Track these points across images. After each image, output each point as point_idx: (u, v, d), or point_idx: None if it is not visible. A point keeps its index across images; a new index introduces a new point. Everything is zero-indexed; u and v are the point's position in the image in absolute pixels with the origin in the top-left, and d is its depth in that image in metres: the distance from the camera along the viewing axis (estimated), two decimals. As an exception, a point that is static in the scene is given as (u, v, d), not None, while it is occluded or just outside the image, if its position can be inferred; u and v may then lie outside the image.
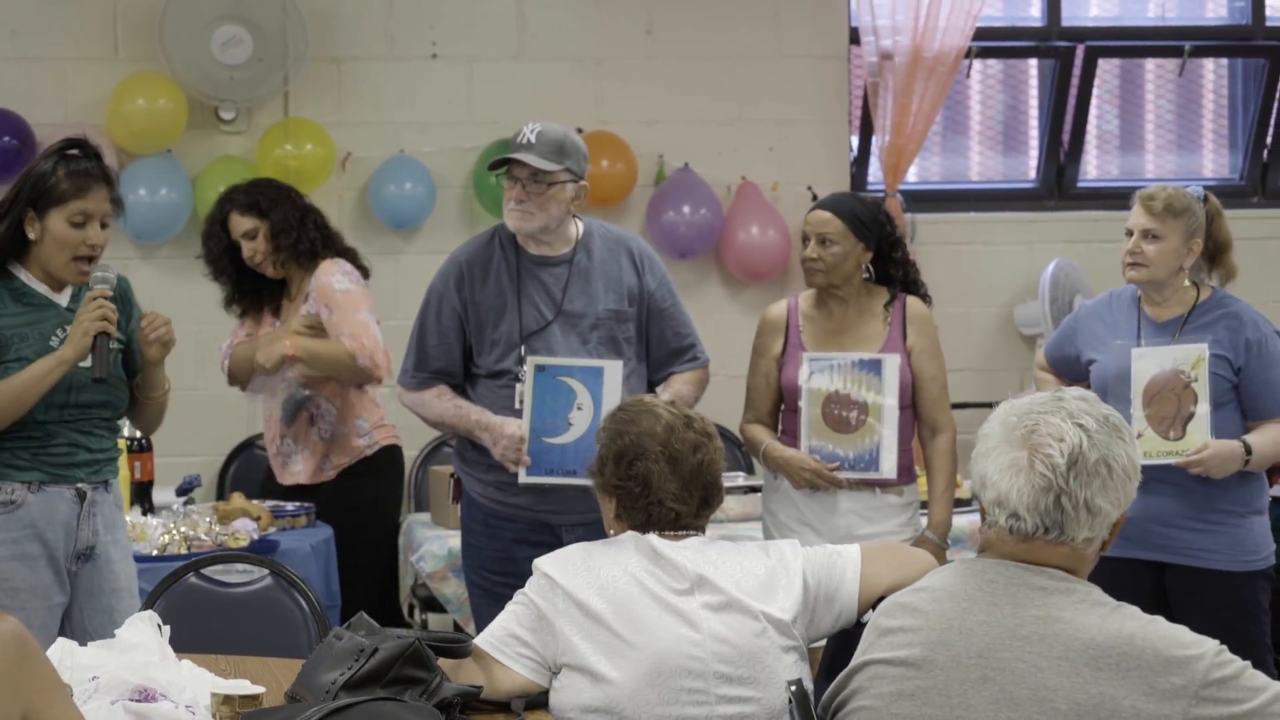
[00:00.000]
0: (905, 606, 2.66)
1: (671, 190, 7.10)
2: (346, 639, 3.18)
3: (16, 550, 4.26)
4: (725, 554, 3.35)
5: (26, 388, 4.21)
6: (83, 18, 6.81)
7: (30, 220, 4.28)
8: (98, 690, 3.12)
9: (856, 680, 2.67)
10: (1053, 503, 2.56)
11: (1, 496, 4.27)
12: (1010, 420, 2.63)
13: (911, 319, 4.87)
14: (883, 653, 2.64)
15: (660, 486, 3.39)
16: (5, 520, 4.26)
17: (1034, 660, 2.52)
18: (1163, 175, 7.81)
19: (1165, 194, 4.72)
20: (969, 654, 2.56)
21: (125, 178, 6.71)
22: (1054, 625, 2.54)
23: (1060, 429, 2.57)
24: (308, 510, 5.76)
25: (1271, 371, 4.66)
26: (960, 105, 7.75)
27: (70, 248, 4.28)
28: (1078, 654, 2.50)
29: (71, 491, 4.32)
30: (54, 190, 4.26)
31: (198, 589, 4.32)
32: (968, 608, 2.59)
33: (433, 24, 7.03)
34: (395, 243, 7.02)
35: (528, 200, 4.53)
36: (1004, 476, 2.59)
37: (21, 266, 4.34)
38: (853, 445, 4.77)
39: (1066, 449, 2.56)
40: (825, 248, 4.81)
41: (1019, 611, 2.56)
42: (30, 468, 4.28)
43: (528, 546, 4.46)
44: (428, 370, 4.68)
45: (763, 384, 4.91)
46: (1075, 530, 2.58)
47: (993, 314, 7.34)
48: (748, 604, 3.26)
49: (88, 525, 4.34)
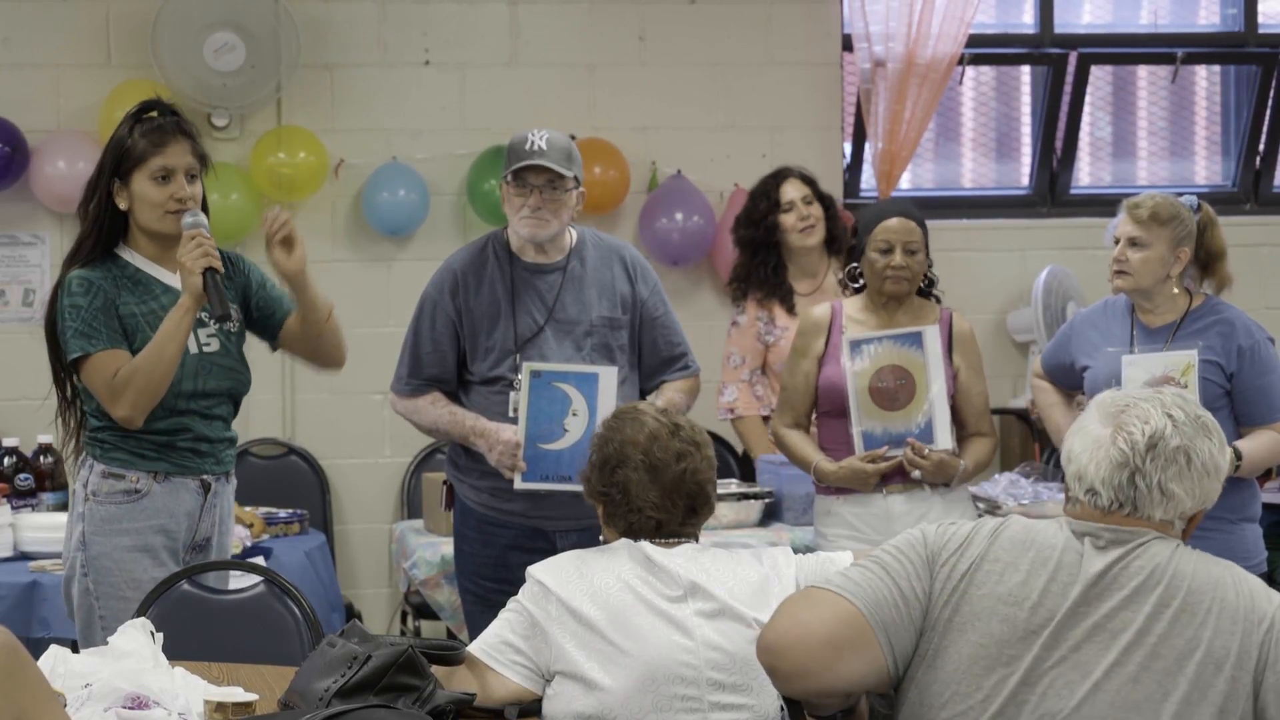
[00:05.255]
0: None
1: (664, 197, 7.10)
2: (339, 646, 3.18)
3: (140, 541, 4.26)
4: (718, 561, 3.35)
5: (165, 346, 4.17)
6: (75, 25, 6.80)
7: (119, 190, 4.29)
8: (90, 698, 3.12)
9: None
10: (1127, 479, 2.64)
11: (127, 485, 4.26)
12: (1107, 402, 2.71)
13: (958, 338, 4.88)
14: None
15: (640, 495, 3.39)
16: (131, 510, 4.26)
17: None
18: (1156, 182, 7.82)
19: (1152, 202, 4.73)
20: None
21: (118, 184, 6.72)
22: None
23: (1149, 413, 2.66)
24: (301, 517, 5.76)
25: (1264, 378, 4.67)
26: (953, 112, 7.75)
27: (160, 205, 4.28)
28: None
29: (196, 483, 4.33)
30: (132, 152, 4.27)
31: (191, 596, 4.31)
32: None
33: (425, 31, 7.04)
34: (388, 250, 7.02)
35: (544, 207, 4.53)
36: (1086, 450, 2.68)
37: (127, 246, 4.34)
38: (905, 421, 4.76)
39: (1149, 430, 2.64)
40: (912, 256, 4.81)
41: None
42: (158, 458, 4.28)
43: (522, 553, 4.45)
44: (421, 377, 4.68)
45: (801, 384, 4.89)
46: (1150, 509, 2.66)
47: (986, 321, 7.34)
48: (741, 611, 3.26)
49: (209, 517, 4.36)
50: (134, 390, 4.17)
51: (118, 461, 4.27)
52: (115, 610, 4.18)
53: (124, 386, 4.18)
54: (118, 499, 4.26)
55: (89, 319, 4.23)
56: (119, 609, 4.17)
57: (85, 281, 4.27)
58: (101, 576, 4.24)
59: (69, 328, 4.24)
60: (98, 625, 4.17)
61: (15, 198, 6.74)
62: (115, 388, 4.19)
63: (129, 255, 4.34)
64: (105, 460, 4.28)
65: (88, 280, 4.27)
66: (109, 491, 4.26)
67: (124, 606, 4.16)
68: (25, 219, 6.81)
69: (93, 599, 4.24)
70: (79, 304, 4.24)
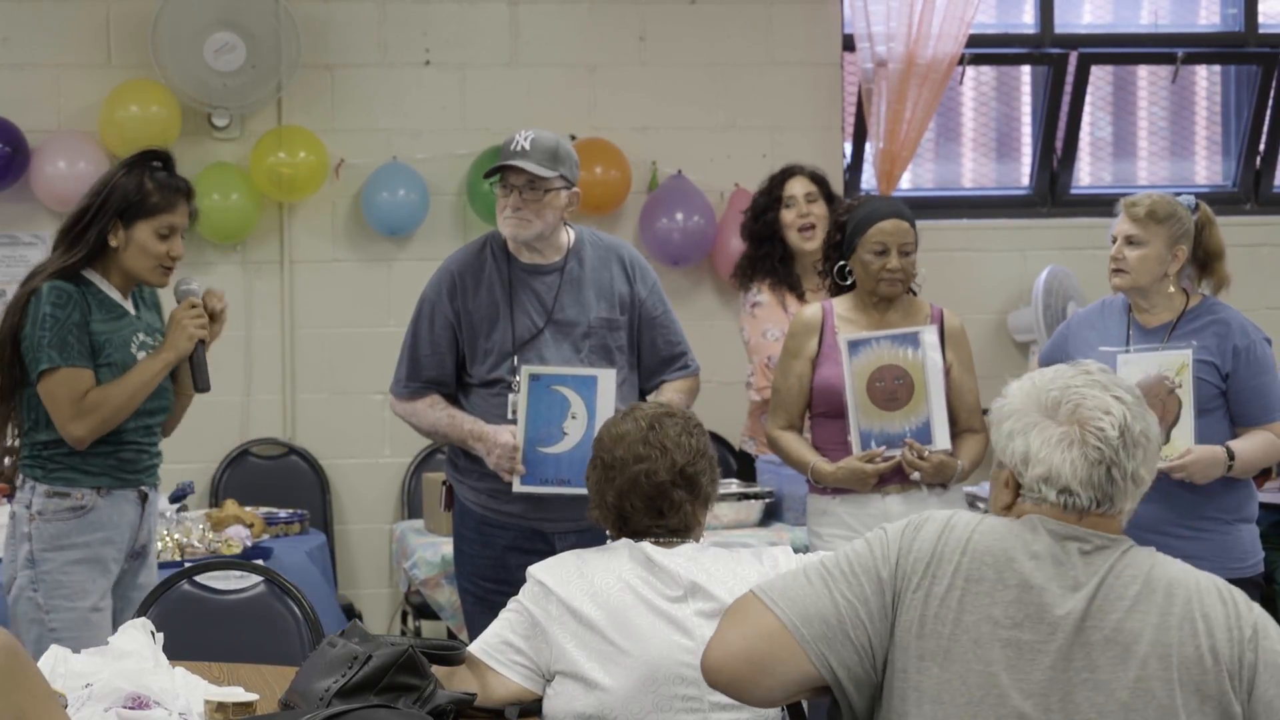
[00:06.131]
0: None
1: (665, 197, 7.10)
2: (340, 646, 3.18)
3: (89, 554, 4.38)
4: (719, 561, 3.36)
5: (138, 389, 4.38)
6: (75, 24, 6.80)
7: (115, 229, 4.37)
8: (91, 698, 3.12)
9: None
10: (1105, 475, 2.57)
11: (73, 502, 4.37)
12: (1043, 397, 2.62)
13: (950, 334, 4.87)
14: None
15: (599, 492, 3.45)
16: (79, 525, 4.38)
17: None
18: (1156, 182, 7.82)
19: (1149, 201, 4.73)
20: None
21: (118, 185, 6.72)
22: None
23: (1104, 402, 2.58)
24: (301, 517, 5.76)
25: (1259, 378, 4.67)
26: (953, 112, 7.75)
27: (157, 259, 4.42)
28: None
29: (135, 494, 4.47)
30: (144, 203, 4.39)
31: (191, 596, 4.33)
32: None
33: (425, 31, 7.04)
34: (388, 250, 7.02)
35: (524, 208, 4.52)
36: (1054, 451, 2.58)
37: (95, 272, 4.43)
38: (903, 421, 4.75)
39: (1115, 421, 2.57)
40: (906, 258, 4.79)
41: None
42: (101, 474, 4.40)
43: (520, 554, 4.45)
44: (420, 380, 4.67)
45: (795, 386, 4.88)
46: (1123, 502, 2.60)
47: (986, 321, 7.34)
48: (741, 611, 3.26)
49: (146, 525, 4.52)
50: (98, 418, 4.34)
51: (63, 480, 4.39)
52: (68, 620, 4.33)
53: (90, 411, 4.34)
54: (64, 516, 4.38)
55: (64, 332, 4.33)
56: (71, 619, 4.32)
57: (63, 293, 4.34)
58: (52, 590, 4.36)
59: (43, 337, 4.32)
60: (48, 638, 4.21)
61: (15, 198, 6.74)
62: (82, 409, 4.34)
63: (96, 280, 4.43)
64: (49, 480, 4.40)
65: (65, 292, 4.35)
66: (55, 510, 4.39)
67: (75, 616, 4.31)
68: (25, 219, 6.81)
69: (43, 613, 4.36)
70: (56, 315, 4.33)
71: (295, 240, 6.98)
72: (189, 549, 5.20)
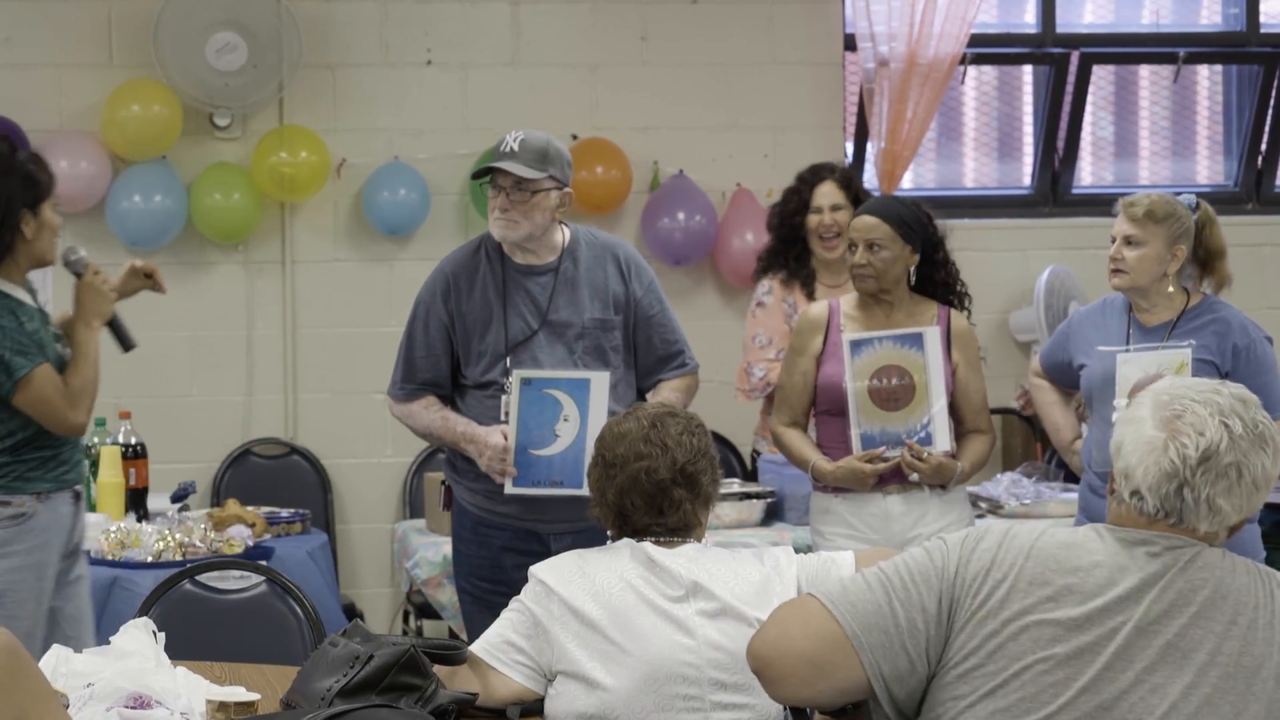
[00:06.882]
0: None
1: (666, 197, 7.10)
2: (341, 646, 3.18)
3: (31, 559, 4.39)
4: (720, 561, 3.35)
5: (95, 363, 4.46)
6: (77, 24, 6.80)
7: (27, 220, 4.38)
8: (92, 698, 3.12)
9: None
10: (1174, 490, 2.56)
11: (13, 510, 4.38)
12: (1163, 398, 2.61)
13: (956, 334, 4.87)
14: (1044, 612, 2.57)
15: (600, 490, 3.43)
16: (19, 532, 4.38)
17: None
18: (1157, 182, 7.82)
19: (1147, 201, 4.73)
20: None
21: (119, 184, 6.72)
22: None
23: (1205, 422, 2.56)
24: (303, 517, 5.75)
25: (1259, 377, 4.67)
26: (955, 112, 7.75)
27: (55, 231, 4.47)
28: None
29: (70, 494, 4.50)
30: (40, 184, 4.43)
31: (193, 596, 4.33)
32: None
33: (427, 30, 7.04)
34: (389, 249, 7.02)
35: (512, 209, 4.52)
36: (1136, 450, 2.58)
37: (1, 278, 4.43)
38: (904, 422, 4.75)
39: (1203, 444, 2.54)
40: (874, 253, 4.79)
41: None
42: (39, 478, 4.41)
43: (516, 555, 4.46)
44: (415, 382, 4.67)
45: (799, 383, 4.88)
46: (1195, 521, 2.57)
47: (988, 321, 7.34)
48: (743, 611, 3.26)
49: (78, 525, 4.55)
50: (88, 401, 4.41)
51: (3, 489, 4.39)
52: (11, 629, 4.29)
53: (79, 397, 4.39)
54: (4, 524, 4.38)
55: (18, 337, 4.36)
56: (13, 627, 4.28)
57: None
58: None
59: (4, 349, 4.32)
60: None
61: (17, 197, 6.74)
62: (73, 397, 4.37)
63: (4, 285, 4.44)
64: None
65: None
66: None
67: (15, 624, 4.26)
68: (27, 219, 6.81)
69: None
70: (3, 325, 4.35)
71: (297, 240, 6.98)
72: (190, 549, 5.20)
